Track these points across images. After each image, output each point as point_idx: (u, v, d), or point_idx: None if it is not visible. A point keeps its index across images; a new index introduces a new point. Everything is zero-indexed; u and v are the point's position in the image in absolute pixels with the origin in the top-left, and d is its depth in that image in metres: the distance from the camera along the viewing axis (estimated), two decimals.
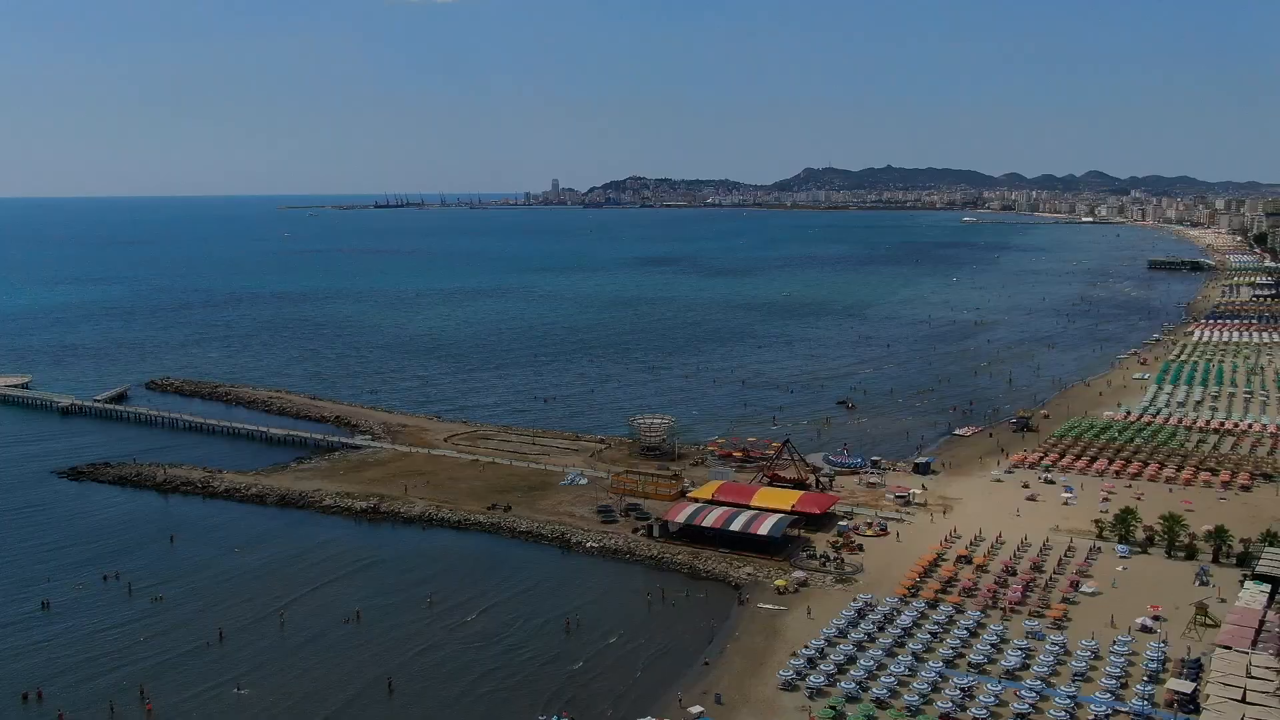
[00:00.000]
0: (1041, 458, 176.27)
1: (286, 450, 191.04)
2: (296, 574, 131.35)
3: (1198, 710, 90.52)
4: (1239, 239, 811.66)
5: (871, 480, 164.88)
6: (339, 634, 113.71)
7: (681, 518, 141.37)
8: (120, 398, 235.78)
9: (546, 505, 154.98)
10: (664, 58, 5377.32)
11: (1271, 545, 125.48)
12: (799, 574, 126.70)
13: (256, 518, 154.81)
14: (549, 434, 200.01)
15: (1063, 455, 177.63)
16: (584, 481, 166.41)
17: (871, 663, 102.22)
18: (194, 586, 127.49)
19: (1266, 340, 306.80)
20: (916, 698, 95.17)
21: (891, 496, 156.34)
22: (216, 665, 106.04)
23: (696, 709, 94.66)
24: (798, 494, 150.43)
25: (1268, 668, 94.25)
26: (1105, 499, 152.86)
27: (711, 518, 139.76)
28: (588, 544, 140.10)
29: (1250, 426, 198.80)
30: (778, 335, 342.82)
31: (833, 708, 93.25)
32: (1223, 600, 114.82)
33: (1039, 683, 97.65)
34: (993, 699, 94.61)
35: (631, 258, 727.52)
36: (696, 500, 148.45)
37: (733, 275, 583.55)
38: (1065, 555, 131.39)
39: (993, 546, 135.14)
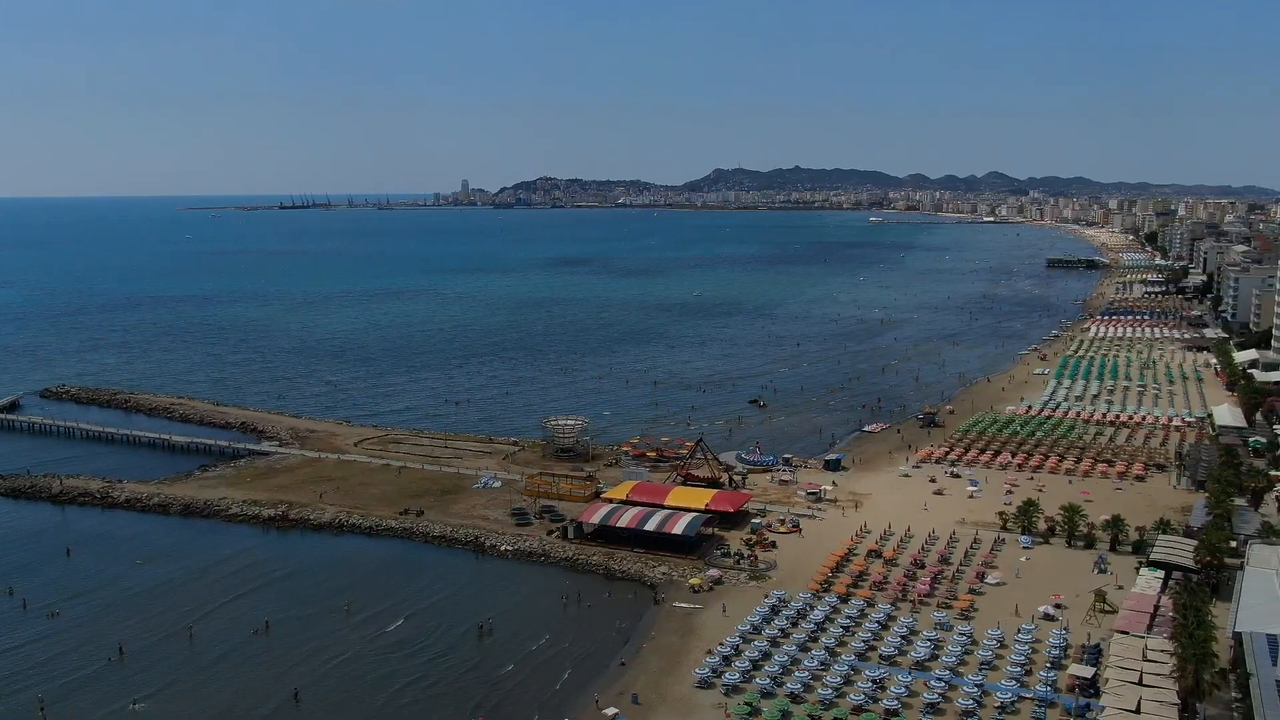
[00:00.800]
0: (947, 452, 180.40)
1: (190, 458, 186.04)
2: (205, 586, 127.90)
3: (1098, 694, 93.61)
4: (1131, 238, 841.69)
5: (783, 478, 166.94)
6: (255, 647, 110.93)
7: (596, 519, 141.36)
8: (12, 407, 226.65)
9: (460, 509, 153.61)
10: (573, 58, 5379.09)
11: (1164, 533, 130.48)
12: (713, 572, 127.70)
13: (159, 528, 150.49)
14: (461, 437, 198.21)
15: (968, 450, 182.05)
16: (497, 484, 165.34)
17: (786, 658, 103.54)
18: (95, 602, 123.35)
19: (1158, 335, 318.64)
20: (830, 691, 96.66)
21: (803, 493, 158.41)
22: (124, 684, 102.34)
23: (612, 710, 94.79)
24: (711, 493, 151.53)
25: (1162, 650, 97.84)
26: (1009, 491, 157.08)
27: (626, 518, 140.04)
28: (502, 547, 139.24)
29: (1144, 419, 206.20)
30: (690, 335, 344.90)
31: (748, 704, 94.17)
32: (1120, 587, 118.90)
33: (948, 672, 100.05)
34: (903, 690, 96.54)
35: (543, 258, 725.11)
36: (611, 501, 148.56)
37: (644, 275, 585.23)
38: (971, 547, 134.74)
39: (902, 540, 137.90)
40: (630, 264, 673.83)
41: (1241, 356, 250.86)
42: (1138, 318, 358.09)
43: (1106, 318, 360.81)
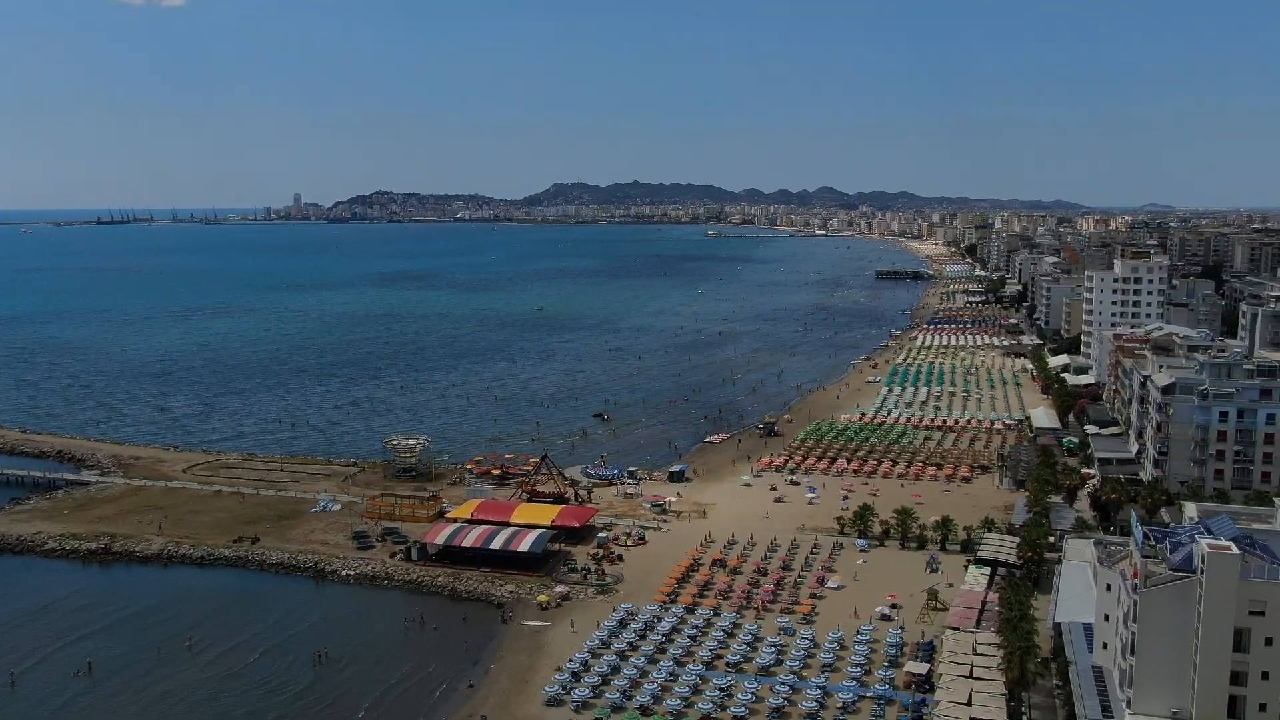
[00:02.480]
0: (787, 461, 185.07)
1: None
2: (26, 630, 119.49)
3: (932, 689, 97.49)
4: (953, 250, 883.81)
5: (629, 490, 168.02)
6: (95, 695, 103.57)
7: (441, 539, 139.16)
8: None
9: (298, 534, 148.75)
10: (408, 71, 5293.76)
11: (989, 532, 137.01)
12: (561, 588, 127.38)
13: None
14: (298, 460, 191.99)
15: (806, 457, 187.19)
16: (337, 507, 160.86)
17: (635, 671, 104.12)
18: None
19: (979, 342, 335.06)
20: (679, 701, 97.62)
21: (648, 506, 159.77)
22: None
23: None
24: (557, 508, 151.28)
25: (990, 644, 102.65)
26: (845, 497, 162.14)
27: (471, 537, 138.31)
28: (343, 572, 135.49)
29: (969, 423, 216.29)
30: (532, 350, 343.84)
31: (598, 719, 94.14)
32: (950, 585, 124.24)
33: (792, 676, 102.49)
34: (750, 696, 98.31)
35: (380, 274, 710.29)
36: (455, 520, 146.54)
37: (485, 290, 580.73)
38: (811, 553, 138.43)
39: (745, 549, 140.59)
40: (470, 279, 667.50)
41: (1054, 361, 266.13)
42: (961, 326, 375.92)
43: (932, 326, 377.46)
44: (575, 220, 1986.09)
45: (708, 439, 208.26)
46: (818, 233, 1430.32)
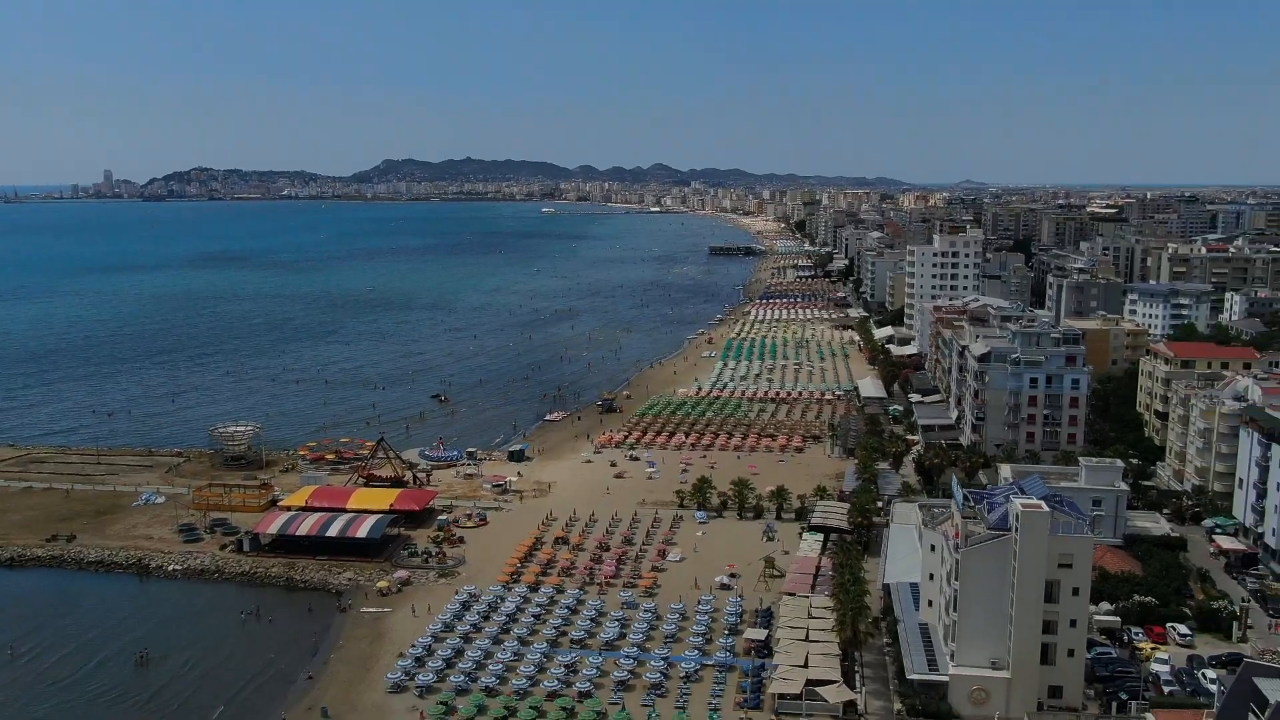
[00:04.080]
0: (626, 437, 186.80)
1: None
2: None
3: (771, 654, 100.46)
4: (783, 226, 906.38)
5: (468, 471, 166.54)
6: None
7: (274, 528, 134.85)
8: None
9: (118, 529, 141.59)
10: (228, 41, 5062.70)
11: (822, 499, 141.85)
12: (401, 573, 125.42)
13: None
14: (116, 452, 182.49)
15: (645, 433, 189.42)
16: (161, 500, 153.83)
17: (479, 653, 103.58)
18: None
19: (809, 316, 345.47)
20: (524, 681, 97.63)
21: (488, 486, 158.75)
22: None
23: None
24: (395, 492, 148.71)
25: (824, 608, 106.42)
26: (684, 470, 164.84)
27: (306, 525, 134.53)
28: (170, 567, 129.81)
29: (800, 394, 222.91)
30: (365, 331, 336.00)
31: (444, 704, 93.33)
32: (786, 553, 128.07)
33: (635, 649, 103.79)
34: (595, 671, 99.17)
35: (202, 254, 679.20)
36: (289, 508, 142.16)
37: (315, 270, 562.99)
38: (652, 526, 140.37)
39: (587, 525, 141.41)
40: (298, 258, 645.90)
41: (880, 333, 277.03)
42: (791, 300, 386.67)
43: (765, 301, 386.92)
44: (407, 198, 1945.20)
45: (547, 417, 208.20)
46: (652, 209, 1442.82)
